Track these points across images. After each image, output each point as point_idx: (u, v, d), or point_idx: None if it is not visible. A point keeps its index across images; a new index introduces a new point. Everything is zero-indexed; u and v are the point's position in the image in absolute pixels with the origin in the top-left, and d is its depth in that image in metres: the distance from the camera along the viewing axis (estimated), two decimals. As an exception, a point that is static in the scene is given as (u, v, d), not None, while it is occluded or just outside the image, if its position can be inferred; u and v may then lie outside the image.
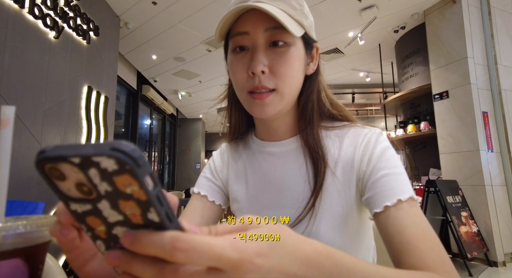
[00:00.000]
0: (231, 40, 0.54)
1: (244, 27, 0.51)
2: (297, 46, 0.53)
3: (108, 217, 0.21)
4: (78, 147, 0.18)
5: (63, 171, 0.19)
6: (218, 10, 3.53)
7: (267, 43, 0.52)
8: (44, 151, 0.19)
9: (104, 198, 0.20)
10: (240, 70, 0.53)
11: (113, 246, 0.22)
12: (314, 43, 0.59)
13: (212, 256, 0.20)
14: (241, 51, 0.53)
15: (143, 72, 5.51)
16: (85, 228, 0.22)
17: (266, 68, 0.51)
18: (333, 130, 0.59)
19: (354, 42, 4.20)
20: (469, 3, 3.36)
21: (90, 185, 0.19)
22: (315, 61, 0.59)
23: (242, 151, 0.67)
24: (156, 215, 0.20)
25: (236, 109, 0.65)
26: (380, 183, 0.49)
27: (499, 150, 3.22)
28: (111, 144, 0.18)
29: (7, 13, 2.08)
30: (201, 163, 8.70)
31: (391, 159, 0.52)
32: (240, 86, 0.54)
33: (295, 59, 0.53)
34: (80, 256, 0.27)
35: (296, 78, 0.54)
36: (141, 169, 0.18)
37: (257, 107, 0.53)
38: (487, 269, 2.88)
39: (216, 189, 0.67)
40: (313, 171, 0.56)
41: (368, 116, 8.01)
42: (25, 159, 2.19)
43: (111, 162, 0.18)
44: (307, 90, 0.59)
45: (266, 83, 0.51)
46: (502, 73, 3.32)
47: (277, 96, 0.52)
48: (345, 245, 0.53)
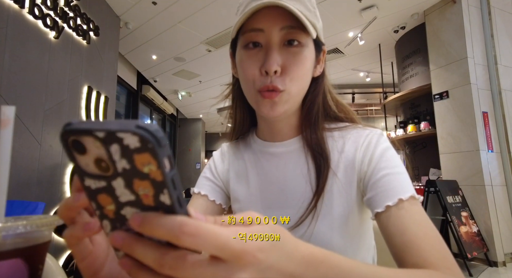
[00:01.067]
0: (242, 36, 0.53)
1: (259, 24, 0.51)
2: (310, 47, 0.53)
3: (120, 196, 0.21)
4: (104, 123, 0.19)
5: (85, 145, 0.20)
6: (218, 10, 3.53)
7: (281, 42, 0.51)
8: (71, 123, 0.19)
9: (120, 176, 0.20)
10: (251, 67, 0.52)
11: (118, 227, 0.23)
12: (322, 46, 0.59)
13: (217, 244, 0.20)
14: (254, 48, 0.52)
15: (143, 72, 5.51)
16: (95, 206, 0.23)
17: (279, 67, 0.51)
18: (335, 131, 0.59)
19: (354, 42, 4.20)
20: (469, 3, 3.36)
21: (109, 161, 0.20)
22: (322, 64, 0.59)
23: (243, 151, 0.67)
24: (169, 198, 0.20)
25: (241, 107, 0.65)
26: (381, 183, 0.49)
27: (499, 150, 3.22)
28: (136, 122, 0.19)
29: (7, 13, 2.08)
30: (201, 163, 8.70)
31: (392, 159, 0.52)
32: (250, 84, 0.53)
33: (308, 60, 0.53)
34: (93, 263, 0.27)
35: (306, 80, 0.54)
36: (162, 149, 0.19)
37: (266, 105, 0.52)
38: (487, 269, 2.88)
39: (217, 189, 0.67)
40: (315, 172, 0.56)
41: (368, 116, 8.01)
42: (25, 159, 2.19)
43: (134, 139, 0.18)
44: (313, 93, 0.59)
45: (277, 83, 0.51)
46: (502, 73, 3.32)
47: (287, 96, 0.52)
48: (346, 245, 0.53)
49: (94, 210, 0.23)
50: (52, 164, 2.45)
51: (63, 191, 2.56)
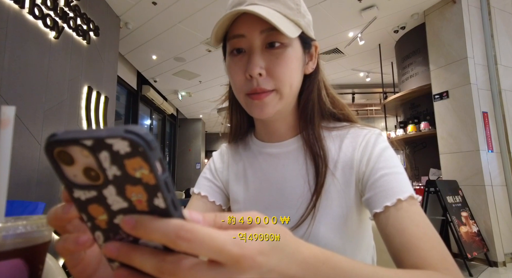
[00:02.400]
0: (228, 43, 0.54)
1: (240, 30, 0.51)
2: (294, 46, 0.53)
3: (112, 204, 0.21)
4: (90, 131, 0.18)
5: (72, 155, 0.19)
6: (218, 10, 3.53)
7: (263, 45, 0.52)
8: (55, 134, 0.19)
9: (111, 183, 0.20)
10: (237, 73, 0.53)
11: (112, 237, 0.22)
12: (312, 42, 0.58)
13: (213, 249, 0.20)
14: (238, 54, 0.53)
15: (143, 72, 5.51)
16: (86, 218, 0.22)
17: (263, 70, 0.51)
18: (333, 131, 0.59)
19: (354, 42, 4.20)
20: (469, 3, 3.36)
21: (98, 170, 0.19)
22: (314, 60, 0.59)
23: (242, 152, 0.67)
24: (163, 201, 0.20)
25: (237, 110, 0.65)
26: (379, 183, 0.49)
27: (499, 150, 3.22)
28: (125, 127, 0.18)
29: (7, 13, 2.08)
30: (201, 163, 8.70)
31: (390, 159, 0.52)
32: (238, 89, 0.54)
33: (292, 60, 0.53)
34: (85, 269, 0.27)
35: (295, 78, 0.54)
36: (153, 152, 0.18)
37: (256, 107, 0.53)
38: (487, 269, 2.88)
39: (216, 190, 0.67)
40: (313, 172, 0.56)
41: (368, 116, 8.01)
42: (25, 159, 2.19)
43: (124, 144, 0.18)
44: (307, 89, 0.59)
45: (265, 85, 0.51)
46: (502, 73, 3.32)
47: (277, 96, 0.53)
48: (345, 245, 0.53)
49: (85, 222, 0.22)
50: (52, 164, 2.45)
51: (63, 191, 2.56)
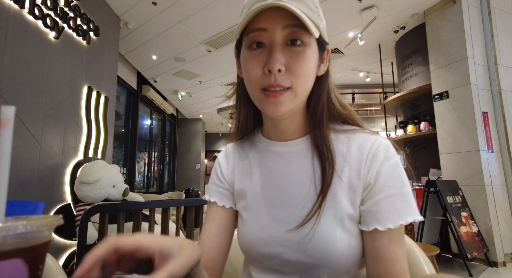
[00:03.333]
0: (246, 37, 0.54)
1: (262, 24, 0.51)
2: (312, 46, 0.54)
3: None
4: None
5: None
6: (218, 10, 3.53)
7: (284, 41, 0.52)
8: None
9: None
10: (255, 67, 0.53)
11: None
12: (326, 45, 0.59)
13: None
14: (257, 48, 0.53)
15: (143, 72, 5.52)
16: None
17: (283, 66, 0.51)
18: (341, 133, 0.60)
19: (354, 42, 4.20)
20: (469, 3, 3.36)
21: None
22: (326, 63, 0.60)
23: (248, 150, 0.67)
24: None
25: (245, 107, 0.65)
26: (385, 202, 0.51)
27: (499, 150, 3.22)
28: None
29: (7, 13, 2.08)
30: (201, 163, 8.70)
31: (400, 177, 0.53)
32: (253, 83, 0.54)
33: (311, 59, 0.53)
34: None
35: (310, 78, 0.55)
36: None
37: (271, 105, 0.53)
38: (487, 270, 2.88)
39: (225, 193, 0.67)
40: (320, 173, 0.56)
41: (368, 116, 8.01)
42: (25, 159, 2.19)
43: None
44: (318, 91, 0.59)
45: (282, 81, 0.51)
46: (502, 73, 3.32)
47: (292, 94, 0.53)
48: (349, 241, 0.54)
49: None
50: (52, 164, 2.46)
51: (63, 191, 2.56)
